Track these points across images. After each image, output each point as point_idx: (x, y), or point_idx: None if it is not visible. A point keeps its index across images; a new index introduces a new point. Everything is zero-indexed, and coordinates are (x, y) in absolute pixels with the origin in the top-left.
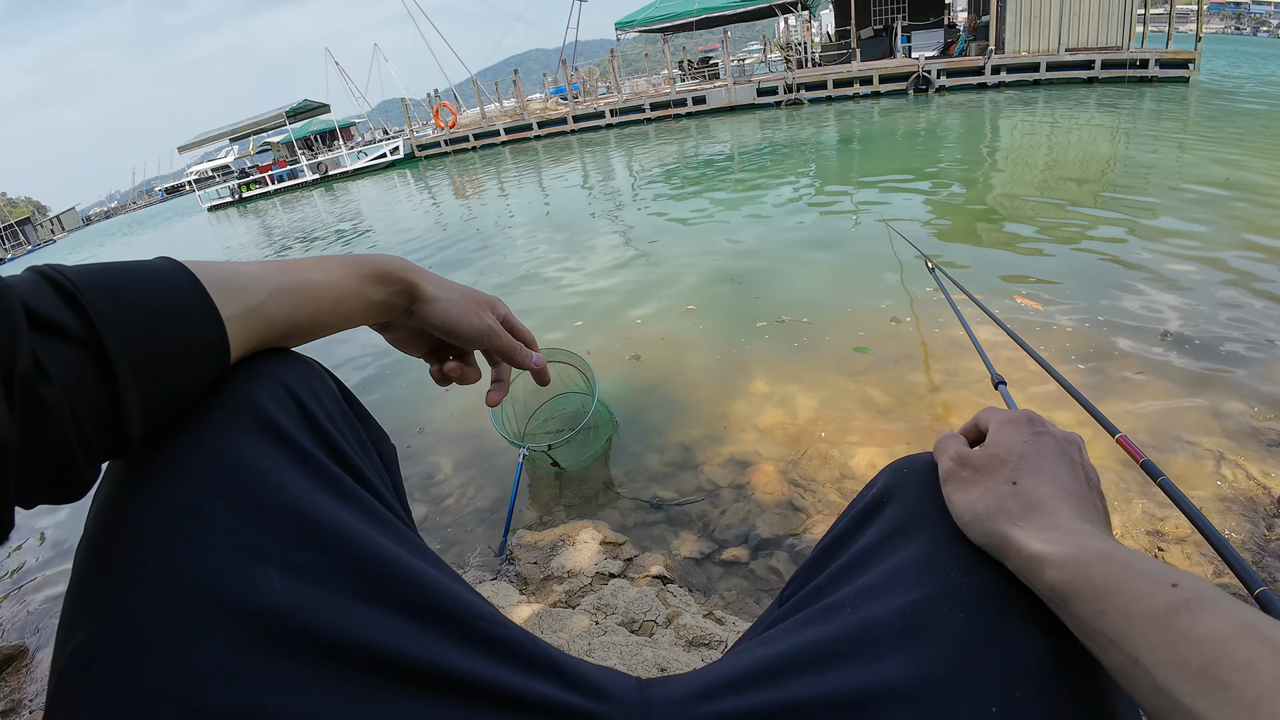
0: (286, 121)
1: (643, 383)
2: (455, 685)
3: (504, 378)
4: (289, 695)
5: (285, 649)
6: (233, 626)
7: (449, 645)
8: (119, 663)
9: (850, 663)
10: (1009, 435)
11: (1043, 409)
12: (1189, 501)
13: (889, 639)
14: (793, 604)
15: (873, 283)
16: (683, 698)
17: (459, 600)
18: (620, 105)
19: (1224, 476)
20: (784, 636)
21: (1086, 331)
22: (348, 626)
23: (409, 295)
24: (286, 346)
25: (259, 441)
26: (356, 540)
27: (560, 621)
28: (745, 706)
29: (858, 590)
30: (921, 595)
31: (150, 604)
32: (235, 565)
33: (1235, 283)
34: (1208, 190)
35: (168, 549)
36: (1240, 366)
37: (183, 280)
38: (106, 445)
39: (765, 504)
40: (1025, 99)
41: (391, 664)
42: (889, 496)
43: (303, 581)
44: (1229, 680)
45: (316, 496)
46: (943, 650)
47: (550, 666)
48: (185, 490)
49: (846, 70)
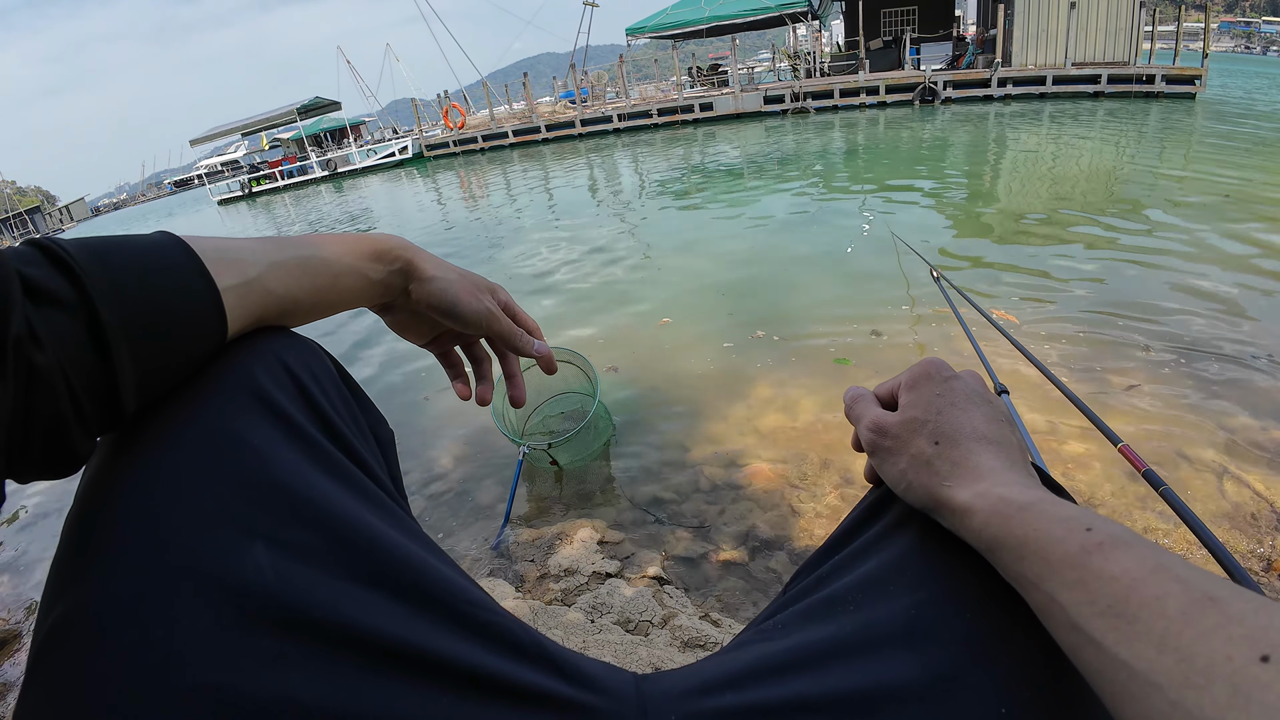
0: (298, 118)
1: (642, 385)
2: (444, 670)
3: (515, 371)
4: (271, 674)
5: (269, 626)
6: (217, 602)
7: (439, 629)
8: (98, 635)
9: (855, 661)
10: (923, 392)
11: (1045, 418)
12: (1191, 512)
13: (894, 638)
14: (794, 594)
15: (871, 292)
16: (680, 693)
17: (451, 585)
18: (628, 110)
19: (1227, 491)
20: (785, 631)
21: (1090, 343)
22: (335, 606)
23: (407, 274)
24: (285, 325)
25: (253, 417)
26: (348, 520)
27: (555, 619)
28: (745, 703)
29: (860, 583)
30: (927, 594)
31: (132, 577)
32: (222, 540)
33: (1241, 295)
34: (1210, 204)
35: (153, 522)
36: (1246, 379)
37: (178, 252)
38: (101, 416)
39: (765, 505)
40: (1031, 112)
41: (378, 646)
42: None
43: (291, 559)
44: (1137, 614)
45: (309, 474)
46: (950, 649)
47: (542, 656)
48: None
49: (853, 80)
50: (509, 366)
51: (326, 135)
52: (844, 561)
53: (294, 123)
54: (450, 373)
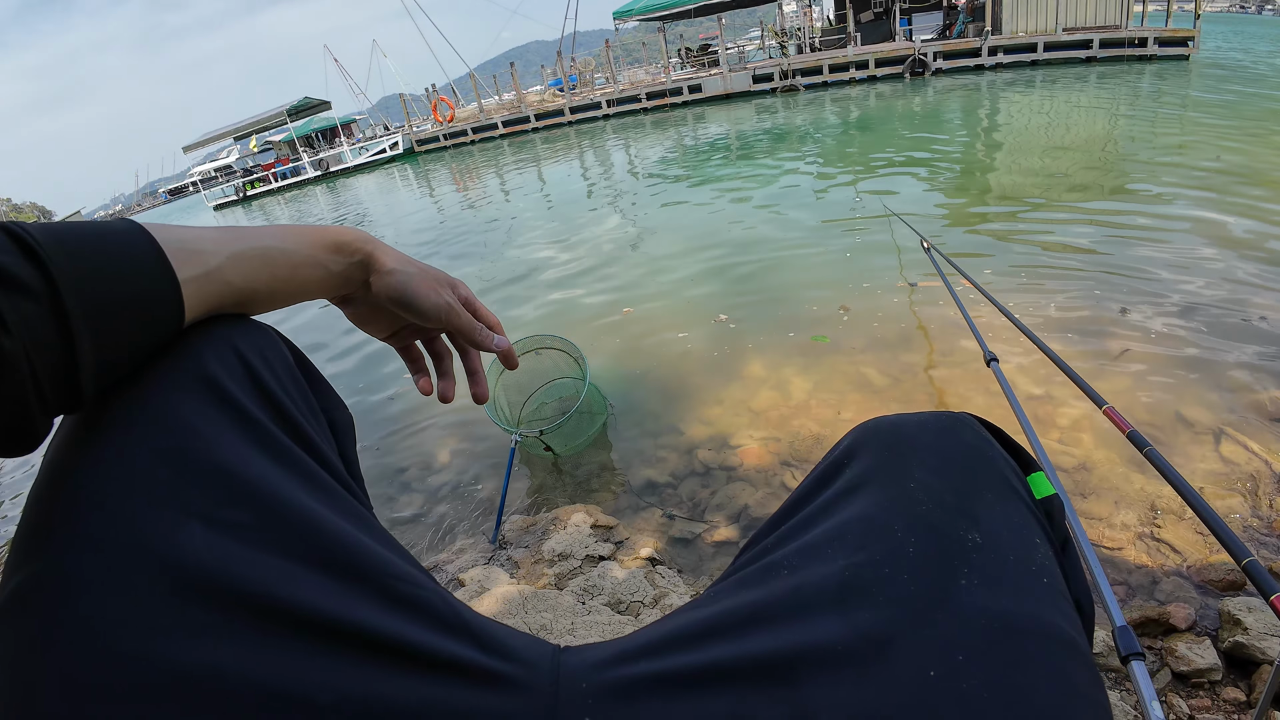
0: (288, 119)
1: (637, 368)
2: (363, 641)
3: (477, 368)
4: (200, 644)
5: (202, 600)
6: (155, 577)
7: (362, 602)
8: (45, 606)
9: (779, 625)
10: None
11: (1034, 385)
12: (1175, 472)
13: (825, 600)
14: (736, 565)
15: (863, 267)
16: (596, 662)
17: (379, 560)
18: (616, 96)
19: (1225, 453)
20: (715, 599)
21: (1082, 310)
22: (264, 580)
23: (366, 267)
24: (244, 313)
25: (200, 402)
26: (284, 500)
27: (545, 602)
28: (658, 670)
29: (799, 550)
30: (865, 557)
31: (80, 552)
32: (163, 518)
33: (1235, 259)
34: (1202, 166)
35: (101, 501)
36: (1241, 343)
37: (141, 242)
38: (60, 400)
39: (757, 484)
40: (1022, 80)
41: (301, 618)
42: (850, 457)
43: (226, 536)
44: None
45: (250, 456)
46: (882, 611)
47: (462, 627)
48: (123, 446)
49: (842, 55)
50: (470, 362)
51: (318, 135)
52: (789, 532)
53: (285, 124)
54: (412, 368)
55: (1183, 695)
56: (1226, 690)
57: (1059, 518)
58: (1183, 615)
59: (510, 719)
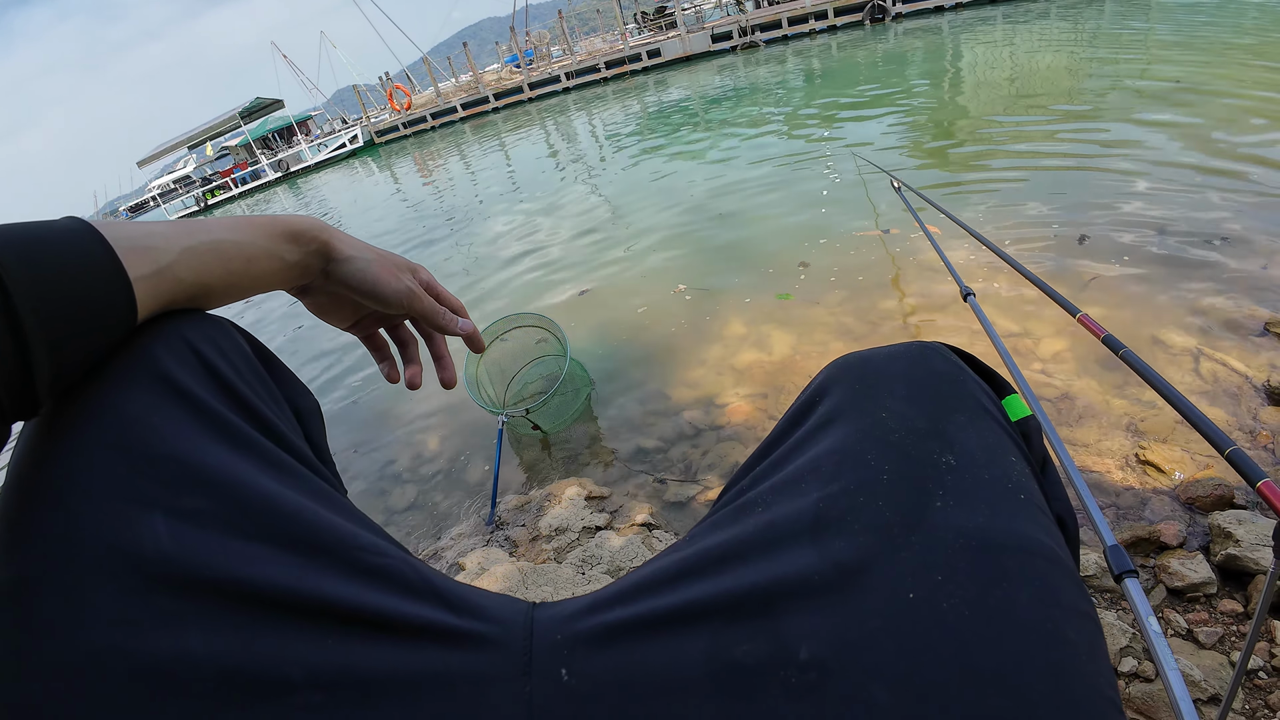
0: (241, 122)
1: (618, 339)
2: (332, 612)
3: (443, 353)
4: (169, 633)
5: (167, 589)
6: (120, 571)
7: (328, 576)
8: (14, 607)
9: (754, 560)
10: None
11: (1010, 313)
12: (1151, 369)
13: (798, 533)
14: (711, 511)
15: (837, 214)
16: (569, 614)
17: (343, 533)
18: (575, 67)
19: (1204, 371)
20: (690, 543)
21: (1056, 236)
22: (228, 564)
23: (324, 255)
24: (198, 308)
25: (152, 395)
26: (243, 483)
27: (545, 576)
28: (632, 615)
29: (773, 487)
30: (838, 487)
31: (45, 553)
32: (124, 513)
33: (1200, 181)
34: (1163, 89)
35: (61, 500)
36: (1213, 262)
37: (91, 241)
38: (16, 407)
39: (747, 440)
40: (982, 19)
41: (269, 597)
42: (821, 395)
43: (187, 524)
44: None
45: (207, 445)
46: (859, 539)
47: (430, 591)
48: (80, 445)
49: (800, 6)
50: (436, 348)
51: (275, 136)
52: (762, 472)
53: (239, 128)
54: (376, 356)
55: (1179, 610)
56: (1223, 602)
57: (1036, 438)
58: (1173, 532)
59: (485, 675)
